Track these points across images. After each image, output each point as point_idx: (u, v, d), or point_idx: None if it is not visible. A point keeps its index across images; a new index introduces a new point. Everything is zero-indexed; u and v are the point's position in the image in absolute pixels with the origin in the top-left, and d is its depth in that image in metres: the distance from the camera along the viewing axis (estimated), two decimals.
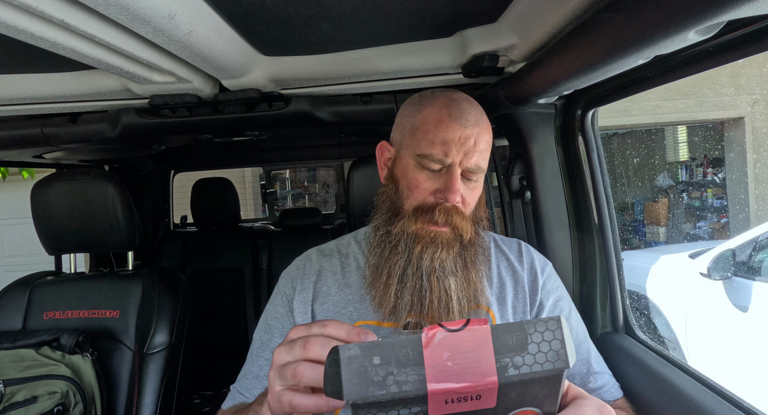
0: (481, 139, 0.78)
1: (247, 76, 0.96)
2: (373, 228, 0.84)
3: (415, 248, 0.77)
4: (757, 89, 6.36)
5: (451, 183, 0.76)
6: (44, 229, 1.34)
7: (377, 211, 0.85)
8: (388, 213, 0.82)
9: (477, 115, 0.80)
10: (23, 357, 1.13)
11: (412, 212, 0.79)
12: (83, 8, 0.59)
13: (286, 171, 8.55)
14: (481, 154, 0.79)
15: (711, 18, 0.46)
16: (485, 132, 0.80)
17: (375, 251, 0.83)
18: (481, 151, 0.79)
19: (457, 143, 0.76)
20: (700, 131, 7.27)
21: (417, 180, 0.79)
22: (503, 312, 0.84)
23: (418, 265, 0.77)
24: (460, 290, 0.79)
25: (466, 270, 0.79)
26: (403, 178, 0.81)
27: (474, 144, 0.77)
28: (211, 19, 0.70)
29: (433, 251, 0.77)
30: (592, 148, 1.03)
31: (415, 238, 0.78)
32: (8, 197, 5.48)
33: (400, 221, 0.80)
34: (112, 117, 1.13)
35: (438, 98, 0.81)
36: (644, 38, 0.54)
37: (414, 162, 0.79)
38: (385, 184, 0.86)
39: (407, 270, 0.78)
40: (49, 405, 1.07)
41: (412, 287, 0.77)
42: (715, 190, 7.10)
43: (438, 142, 0.76)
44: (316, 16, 0.73)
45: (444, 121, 0.77)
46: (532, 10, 0.72)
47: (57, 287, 1.36)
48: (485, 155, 0.80)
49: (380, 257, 0.81)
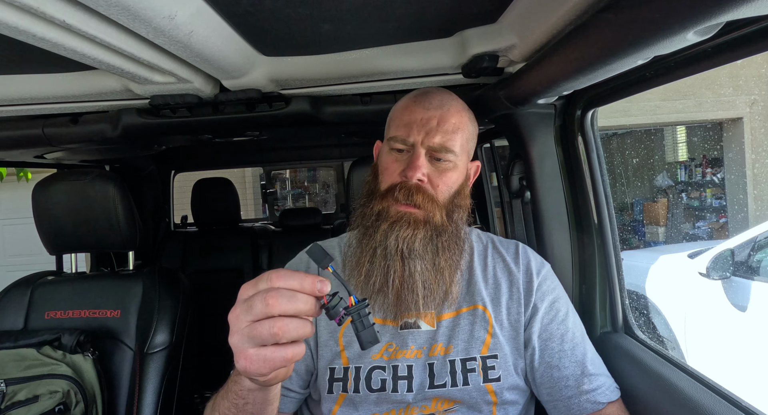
0: (446, 121, 0.81)
1: (248, 76, 0.96)
2: (354, 214, 0.87)
3: (380, 227, 0.79)
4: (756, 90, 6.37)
5: (411, 160, 0.80)
6: (45, 229, 1.34)
7: (359, 198, 0.88)
8: (366, 197, 0.86)
9: (443, 99, 0.84)
10: (25, 357, 1.13)
11: (381, 193, 0.82)
12: (84, 9, 0.59)
13: (287, 171, 8.54)
14: (446, 135, 0.81)
15: (710, 19, 0.46)
16: (452, 115, 0.83)
17: (355, 234, 0.86)
18: (447, 132, 0.81)
19: (419, 124, 0.81)
20: (699, 131, 7.27)
21: (387, 162, 0.84)
22: (498, 313, 0.85)
23: (385, 244, 0.78)
24: (428, 274, 0.79)
25: (435, 256, 0.80)
26: (380, 165, 0.86)
27: (437, 124, 0.81)
28: (212, 19, 0.70)
29: (398, 230, 0.78)
30: (592, 149, 1.03)
31: (382, 216, 0.80)
32: (9, 197, 5.48)
33: (371, 202, 0.83)
34: (113, 117, 1.13)
35: (412, 92, 0.88)
36: (643, 39, 0.54)
37: (387, 148, 0.85)
38: (369, 174, 0.90)
39: (377, 250, 0.79)
40: (51, 404, 1.07)
41: (380, 266, 0.79)
42: (714, 191, 7.11)
43: (402, 125, 0.82)
44: (316, 17, 0.74)
45: (409, 106, 0.84)
46: (531, 11, 0.72)
47: (58, 287, 1.36)
48: (453, 137, 0.81)
49: (358, 240, 0.83)
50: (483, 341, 0.82)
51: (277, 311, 0.49)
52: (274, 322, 0.49)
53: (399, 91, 1.14)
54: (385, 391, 0.80)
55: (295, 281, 0.51)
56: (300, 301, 0.50)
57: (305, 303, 0.51)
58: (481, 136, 1.82)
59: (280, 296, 0.50)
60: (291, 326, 0.49)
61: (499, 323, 0.84)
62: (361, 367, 0.82)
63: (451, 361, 0.81)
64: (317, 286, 0.51)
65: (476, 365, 0.81)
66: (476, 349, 0.82)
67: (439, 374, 0.81)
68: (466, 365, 0.81)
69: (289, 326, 0.49)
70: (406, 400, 0.80)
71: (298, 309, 0.50)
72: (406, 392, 0.80)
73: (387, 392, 0.80)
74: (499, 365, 0.81)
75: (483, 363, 0.81)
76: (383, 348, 0.83)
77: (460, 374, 0.80)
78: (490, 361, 0.81)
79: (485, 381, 0.80)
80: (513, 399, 0.82)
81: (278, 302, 0.49)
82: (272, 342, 0.50)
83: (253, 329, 0.50)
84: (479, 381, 0.80)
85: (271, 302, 0.49)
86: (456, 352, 0.82)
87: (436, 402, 0.81)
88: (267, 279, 0.52)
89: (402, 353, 0.82)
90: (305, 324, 0.51)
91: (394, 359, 0.82)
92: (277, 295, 0.50)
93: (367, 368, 0.81)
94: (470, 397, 0.80)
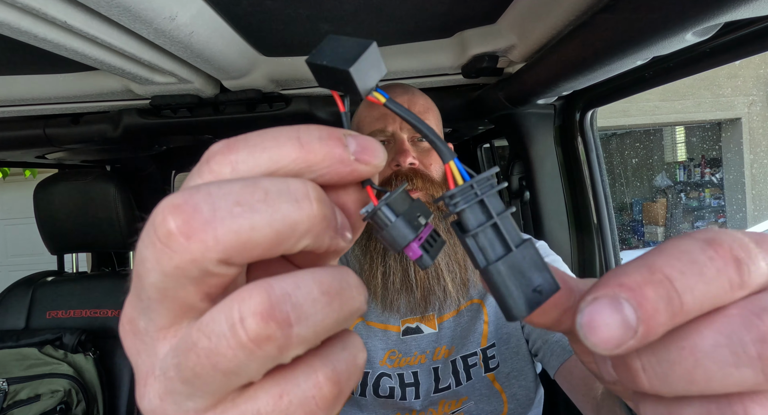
0: (415, 103, 0.82)
1: (248, 76, 0.96)
2: None
3: None
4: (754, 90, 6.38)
5: (398, 147, 0.79)
6: (46, 229, 1.34)
7: None
8: None
9: (405, 87, 0.85)
10: (26, 356, 1.14)
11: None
12: (85, 10, 0.60)
13: None
14: (420, 115, 0.81)
15: (708, 19, 0.46)
16: (418, 97, 0.84)
17: (357, 242, 0.83)
18: (419, 113, 0.81)
19: (391, 113, 0.79)
20: (698, 132, 7.28)
21: None
22: (491, 306, 0.83)
23: None
24: (449, 255, 0.77)
25: (448, 234, 0.78)
26: None
27: (408, 108, 0.80)
28: (212, 20, 0.70)
29: None
30: (591, 149, 1.04)
31: None
32: (11, 197, 5.48)
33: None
34: (114, 118, 1.13)
35: None
36: (642, 39, 0.55)
37: None
38: None
39: (387, 248, 0.76)
40: (52, 403, 1.07)
41: (395, 263, 0.76)
42: (713, 191, 7.11)
43: (375, 119, 0.81)
44: (316, 17, 0.74)
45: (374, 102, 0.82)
46: (531, 12, 0.72)
47: (59, 287, 1.36)
48: (426, 116, 0.83)
49: (362, 246, 0.81)
50: (481, 333, 0.82)
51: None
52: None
53: None
54: (393, 398, 0.79)
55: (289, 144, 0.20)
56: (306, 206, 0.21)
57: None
58: (481, 136, 1.83)
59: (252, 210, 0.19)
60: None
61: (492, 306, 0.83)
62: (369, 372, 0.80)
63: (453, 361, 0.80)
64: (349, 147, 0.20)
65: (477, 359, 0.80)
66: (476, 343, 0.81)
67: (443, 377, 0.80)
68: (468, 362, 0.80)
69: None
70: (413, 406, 0.79)
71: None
72: (414, 400, 0.79)
73: (395, 399, 0.79)
74: (499, 352, 0.80)
75: (483, 355, 0.80)
76: (386, 355, 0.81)
77: (462, 372, 0.80)
78: (489, 351, 0.81)
79: (486, 371, 0.80)
80: (520, 384, 0.81)
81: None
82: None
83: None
84: (481, 373, 0.79)
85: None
86: (457, 351, 0.81)
87: (443, 404, 0.80)
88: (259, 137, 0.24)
89: (406, 360, 0.81)
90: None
91: (398, 368, 0.80)
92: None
93: (376, 373, 0.80)
94: (475, 390, 0.79)
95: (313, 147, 0.18)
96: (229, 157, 0.18)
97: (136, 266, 0.17)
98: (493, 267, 0.19)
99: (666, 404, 0.18)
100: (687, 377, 0.16)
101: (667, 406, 0.18)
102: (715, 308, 0.17)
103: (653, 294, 0.16)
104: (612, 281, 0.17)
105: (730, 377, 0.16)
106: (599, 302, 0.17)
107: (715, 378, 0.16)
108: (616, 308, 0.16)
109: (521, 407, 0.80)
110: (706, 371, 0.16)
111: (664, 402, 0.18)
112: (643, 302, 0.16)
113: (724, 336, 0.16)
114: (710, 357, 0.16)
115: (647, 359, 0.17)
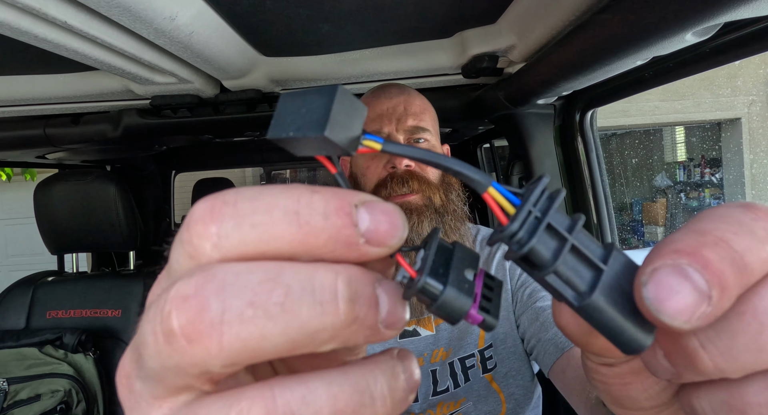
0: (412, 103, 0.82)
1: (248, 76, 0.96)
2: None
3: None
4: (754, 90, 6.38)
5: None
6: (47, 229, 1.34)
7: None
8: None
9: (402, 88, 0.85)
10: (26, 356, 1.14)
11: (371, 192, 0.79)
12: (86, 10, 0.60)
13: (287, 171, 8.54)
14: (416, 116, 0.81)
15: (708, 20, 0.46)
16: (415, 97, 0.83)
17: None
18: (415, 114, 0.81)
19: (387, 114, 0.80)
20: (698, 132, 7.28)
21: (366, 162, 0.82)
22: None
23: None
24: None
25: (447, 238, 0.78)
26: (357, 169, 0.83)
27: (404, 109, 0.81)
28: (212, 20, 0.70)
29: None
30: (591, 149, 1.04)
31: None
32: (11, 197, 5.48)
33: None
34: (114, 118, 1.14)
35: (367, 92, 0.87)
36: (642, 39, 0.55)
37: None
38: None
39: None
40: (52, 403, 1.07)
41: None
42: (713, 191, 7.11)
43: (370, 120, 0.81)
44: (317, 17, 0.74)
45: (370, 102, 0.83)
46: (531, 12, 0.72)
47: (59, 287, 1.36)
48: (423, 117, 0.82)
49: None
50: (478, 334, 0.81)
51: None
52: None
53: None
54: None
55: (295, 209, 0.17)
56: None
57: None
58: (481, 136, 1.83)
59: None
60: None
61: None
62: None
63: (450, 363, 0.80)
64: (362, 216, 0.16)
65: (475, 361, 0.80)
66: (473, 344, 0.81)
67: (441, 380, 0.79)
68: (465, 363, 0.80)
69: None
70: (411, 409, 0.79)
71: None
72: (413, 403, 0.78)
73: None
74: (496, 352, 0.80)
75: (481, 356, 0.80)
76: None
77: (460, 374, 0.79)
78: (487, 352, 0.80)
79: (484, 372, 0.79)
80: (518, 384, 0.81)
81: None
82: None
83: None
84: (479, 374, 0.79)
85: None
86: (454, 353, 0.81)
87: (441, 406, 0.79)
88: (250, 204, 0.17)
89: None
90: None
91: None
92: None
93: None
94: (474, 391, 0.79)
95: (313, 227, 0.15)
96: (211, 228, 0.15)
97: (138, 334, 0.15)
98: (590, 302, 0.16)
99: (726, 387, 0.16)
100: (754, 346, 0.15)
101: (727, 390, 0.16)
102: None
103: (714, 256, 0.15)
104: (665, 249, 0.15)
105: None
106: (662, 271, 0.15)
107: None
108: (683, 275, 0.15)
109: (519, 407, 0.80)
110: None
111: (724, 386, 0.16)
112: (708, 265, 0.15)
113: None
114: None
115: (704, 334, 0.16)
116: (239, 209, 0.15)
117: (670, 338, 0.16)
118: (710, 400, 0.17)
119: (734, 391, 0.16)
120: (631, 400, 0.21)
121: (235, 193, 0.15)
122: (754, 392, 0.16)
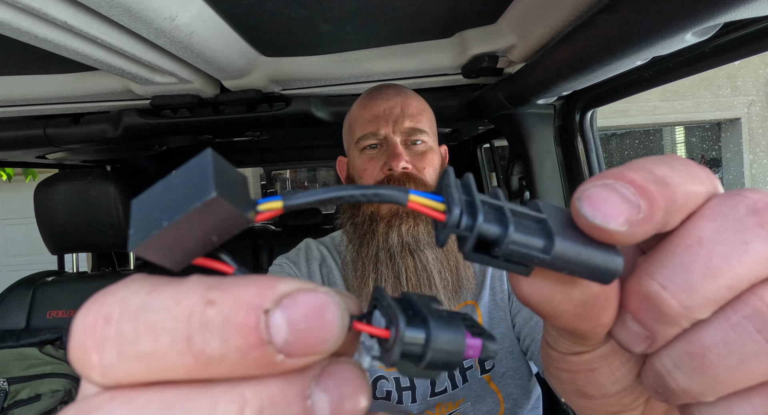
0: (409, 105, 0.81)
1: (248, 76, 0.96)
2: (341, 231, 0.84)
3: (377, 229, 0.76)
4: (753, 91, 6.38)
5: (390, 151, 0.77)
6: (47, 229, 1.34)
7: (343, 213, 0.85)
8: (351, 209, 0.83)
9: (398, 89, 0.84)
10: (27, 356, 1.14)
11: None
12: (86, 10, 0.60)
13: (287, 171, 8.54)
14: (413, 118, 0.80)
15: (708, 20, 0.46)
16: (412, 99, 0.82)
17: (349, 248, 0.82)
18: (412, 115, 0.80)
19: (384, 115, 0.79)
20: (698, 132, 7.28)
21: (362, 164, 0.81)
22: (484, 307, 0.83)
23: (387, 245, 0.74)
24: (441, 262, 0.76)
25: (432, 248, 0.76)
26: (354, 171, 0.83)
27: (401, 110, 0.80)
28: (212, 20, 0.70)
29: (399, 225, 0.74)
30: (591, 149, 1.04)
31: (376, 218, 0.77)
32: (11, 197, 5.48)
33: (358, 210, 0.80)
34: (114, 118, 1.14)
35: (363, 93, 0.86)
36: (642, 39, 0.55)
37: (357, 151, 0.82)
38: None
39: (379, 255, 0.75)
40: (52, 403, 1.07)
41: (387, 270, 0.74)
42: None
43: (367, 121, 0.80)
44: (317, 17, 0.74)
45: (367, 104, 0.82)
46: (531, 12, 0.72)
47: (59, 287, 1.36)
48: (419, 118, 0.81)
49: (355, 253, 0.80)
50: None
51: None
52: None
53: None
54: (389, 400, 0.78)
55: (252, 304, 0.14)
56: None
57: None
58: (481, 136, 1.83)
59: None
60: None
61: (485, 307, 0.82)
62: (367, 374, 0.80)
63: None
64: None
65: (473, 361, 0.79)
66: None
67: (439, 381, 0.79)
68: (463, 364, 0.80)
69: None
70: (410, 409, 0.79)
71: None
72: (411, 403, 0.78)
73: (392, 402, 0.78)
74: None
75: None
76: None
77: (458, 375, 0.79)
78: None
79: (482, 373, 0.79)
80: (515, 384, 0.81)
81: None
82: None
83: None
84: (477, 374, 0.79)
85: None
86: None
87: (440, 407, 0.79)
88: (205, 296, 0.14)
89: None
90: None
91: (395, 371, 0.79)
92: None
93: (374, 375, 0.79)
94: (472, 391, 0.79)
95: (210, 357, 0.12)
96: (92, 357, 0.12)
97: None
98: (557, 249, 0.15)
99: (683, 337, 0.16)
100: (709, 272, 0.15)
101: (685, 338, 0.16)
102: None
103: (638, 176, 0.16)
104: (592, 178, 0.16)
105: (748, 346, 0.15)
106: (592, 188, 0.16)
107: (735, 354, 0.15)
108: (611, 188, 0.15)
109: (517, 407, 0.80)
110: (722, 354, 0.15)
111: (682, 336, 0.16)
112: (633, 181, 0.15)
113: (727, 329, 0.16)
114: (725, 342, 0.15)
115: (661, 275, 0.16)
116: (121, 333, 0.12)
117: (634, 295, 0.17)
118: (670, 354, 0.17)
119: (691, 337, 0.16)
120: (597, 386, 0.21)
121: (120, 302, 0.13)
122: (710, 334, 0.16)
